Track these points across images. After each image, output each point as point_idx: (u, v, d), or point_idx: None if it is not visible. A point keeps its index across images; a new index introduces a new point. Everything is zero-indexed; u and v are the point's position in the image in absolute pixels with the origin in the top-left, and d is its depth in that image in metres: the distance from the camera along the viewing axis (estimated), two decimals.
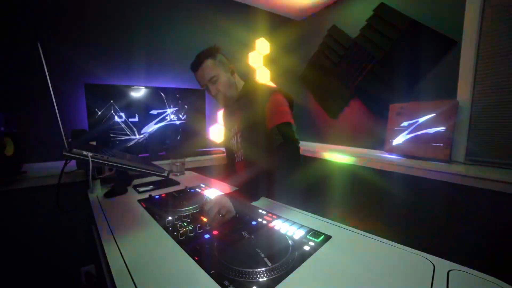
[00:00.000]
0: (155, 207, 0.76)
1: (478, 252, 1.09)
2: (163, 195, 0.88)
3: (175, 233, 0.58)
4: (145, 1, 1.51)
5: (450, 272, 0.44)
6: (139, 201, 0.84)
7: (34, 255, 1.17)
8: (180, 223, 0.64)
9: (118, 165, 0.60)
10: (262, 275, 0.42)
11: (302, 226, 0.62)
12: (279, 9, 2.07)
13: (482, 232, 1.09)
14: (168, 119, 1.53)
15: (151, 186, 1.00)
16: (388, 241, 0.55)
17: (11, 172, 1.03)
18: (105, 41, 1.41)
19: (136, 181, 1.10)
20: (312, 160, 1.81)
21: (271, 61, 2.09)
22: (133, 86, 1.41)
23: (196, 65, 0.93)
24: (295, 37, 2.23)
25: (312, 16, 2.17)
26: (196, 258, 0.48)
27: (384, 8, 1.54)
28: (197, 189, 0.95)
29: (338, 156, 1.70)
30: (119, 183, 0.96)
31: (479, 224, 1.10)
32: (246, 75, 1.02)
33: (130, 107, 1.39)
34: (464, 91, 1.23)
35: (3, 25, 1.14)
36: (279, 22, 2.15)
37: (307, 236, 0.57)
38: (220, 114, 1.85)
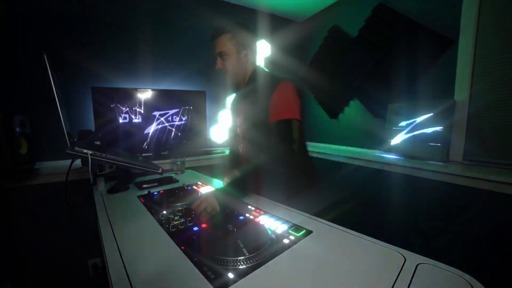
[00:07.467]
0: (152, 202, 0.81)
1: (474, 252, 1.08)
2: (161, 191, 0.94)
3: (167, 226, 0.63)
4: (149, 6, 1.58)
5: (419, 266, 0.46)
6: (139, 197, 0.89)
7: (43, 247, 1.25)
8: (173, 216, 0.69)
9: (115, 162, 0.65)
10: (239, 263, 0.46)
11: (286, 221, 0.65)
12: (280, 11, 2.10)
13: (479, 232, 1.08)
14: (171, 120, 1.59)
15: (155, 184, 1.06)
16: (367, 236, 0.58)
17: (25, 170, 1.11)
18: (111, 46, 1.48)
19: (139, 179, 1.16)
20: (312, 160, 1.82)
21: (272, 62, 2.12)
22: (137, 88, 1.48)
23: (212, 35, 0.90)
24: (295, 38, 2.25)
25: (312, 17, 2.19)
26: (183, 248, 0.53)
27: (382, 8, 1.54)
28: (193, 187, 0.99)
29: (337, 155, 1.71)
30: (121, 180, 1.02)
31: (476, 225, 1.09)
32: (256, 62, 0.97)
33: (134, 109, 1.46)
34: (461, 91, 1.22)
35: (14, 34, 1.23)
36: (279, 23, 2.17)
37: (289, 231, 0.60)
38: (221, 114, 1.90)
